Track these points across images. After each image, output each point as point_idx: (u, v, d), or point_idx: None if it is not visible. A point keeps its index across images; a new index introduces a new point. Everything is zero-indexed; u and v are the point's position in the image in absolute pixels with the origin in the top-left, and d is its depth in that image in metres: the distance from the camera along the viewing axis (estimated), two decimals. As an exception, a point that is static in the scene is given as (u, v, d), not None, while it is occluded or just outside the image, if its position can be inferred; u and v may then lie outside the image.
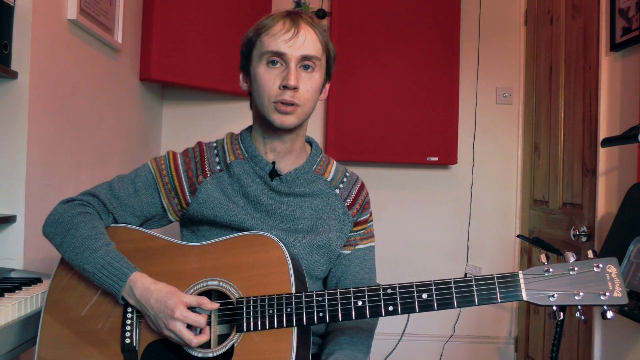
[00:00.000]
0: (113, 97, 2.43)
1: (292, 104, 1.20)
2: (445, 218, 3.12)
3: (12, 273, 1.60)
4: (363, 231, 1.37)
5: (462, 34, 3.02)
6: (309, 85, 1.22)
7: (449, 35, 2.97)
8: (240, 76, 1.31)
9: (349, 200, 1.34)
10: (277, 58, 1.20)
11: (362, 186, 1.39)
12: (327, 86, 1.33)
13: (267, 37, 1.21)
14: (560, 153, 2.48)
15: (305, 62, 1.21)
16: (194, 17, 2.74)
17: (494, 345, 3.09)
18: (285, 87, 1.19)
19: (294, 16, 1.23)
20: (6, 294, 1.29)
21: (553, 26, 2.63)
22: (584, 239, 2.10)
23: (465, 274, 3.07)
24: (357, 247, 1.36)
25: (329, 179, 1.34)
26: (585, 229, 2.10)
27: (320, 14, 3.02)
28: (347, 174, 1.38)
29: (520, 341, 3.02)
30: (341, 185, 1.35)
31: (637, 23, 1.83)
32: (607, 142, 1.70)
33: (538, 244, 2.09)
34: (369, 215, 1.38)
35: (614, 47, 1.96)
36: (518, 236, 2.35)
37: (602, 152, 2.00)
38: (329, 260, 1.32)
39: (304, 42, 1.20)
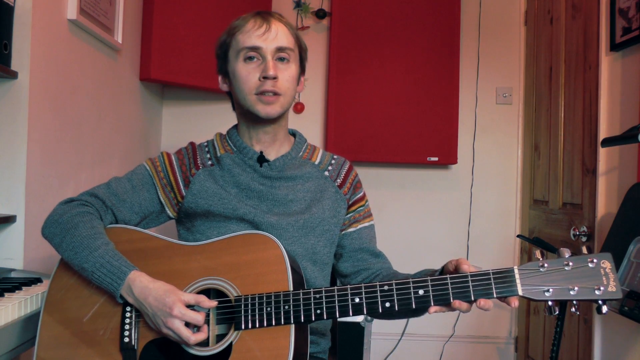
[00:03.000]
0: (113, 97, 2.43)
1: (274, 93, 1.25)
2: (445, 218, 3.12)
3: (12, 273, 1.60)
4: (362, 209, 1.41)
5: (462, 34, 3.02)
6: (287, 75, 1.28)
7: (449, 35, 2.97)
8: (220, 78, 1.37)
9: (338, 180, 1.38)
10: (254, 53, 1.26)
11: (351, 167, 1.43)
12: (303, 79, 1.39)
13: (242, 35, 1.27)
14: (560, 153, 2.48)
15: (280, 53, 1.27)
16: (194, 17, 2.74)
17: (494, 345, 3.09)
18: (265, 78, 1.24)
19: (264, 14, 1.30)
20: (6, 294, 1.29)
21: (553, 26, 2.63)
22: (584, 239, 2.10)
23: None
24: (361, 225, 1.40)
25: (316, 163, 1.39)
26: (585, 229, 2.10)
27: (320, 14, 3.02)
28: (335, 157, 1.42)
29: (520, 341, 3.02)
30: (330, 168, 1.39)
31: (637, 23, 1.83)
32: (607, 142, 1.70)
33: (538, 244, 2.09)
34: (362, 193, 1.42)
35: (614, 47, 1.96)
36: (518, 236, 2.35)
37: (602, 152, 2.00)
38: (328, 241, 1.33)
39: (276, 35, 1.27)
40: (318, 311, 1.10)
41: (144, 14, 2.70)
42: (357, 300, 1.09)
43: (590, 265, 1.02)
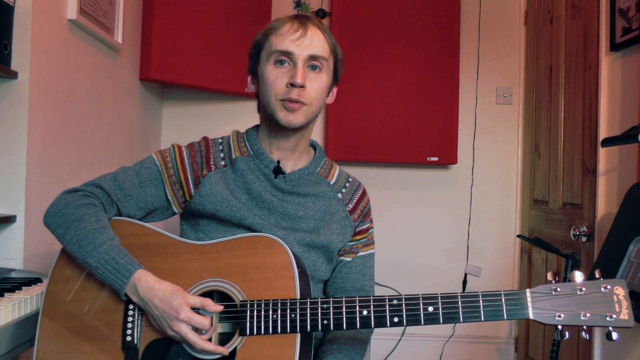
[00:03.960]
0: (113, 97, 2.43)
1: (298, 102, 1.21)
2: (445, 218, 3.12)
3: (12, 273, 1.60)
4: (365, 239, 1.37)
5: (462, 34, 3.02)
6: (317, 85, 1.23)
7: (449, 35, 2.96)
8: (249, 79, 1.32)
9: (350, 205, 1.35)
10: (285, 57, 1.22)
11: (364, 193, 1.39)
12: (335, 90, 1.33)
13: (275, 37, 1.23)
14: (560, 153, 2.48)
15: (313, 62, 1.22)
16: (194, 17, 2.74)
17: (494, 345, 3.09)
18: (292, 85, 1.20)
19: (302, 18, 1.25)
20: (6, 294, 1.29)
21: (553, 26, 2.63)
22: (584, 239, 2.10)
23: (465, 274, 3.07)
24: (359, 254, 1.36)
25: (332, 183, 1.35)
26: (585, 229, 2.10)
27: (320, 14, 3.02)
28: (350, 180, 1.39)
29: (520, 341, 3.02)
30: (343, 190, 1.36)
31: (637, 23, 1.83)
32: (607, 142, 1.69)
33: (538, 244, 2.09)
34: (370, 223, 1.39)
35: (614, 47, 1.96)
36: (518, 236, 2.35)
37: (602, 152, 2.00)
38: (329, 260, 1.31)
39: (311, 42, 1.22)
40: (325, 321, 1.08)
41: (144, 14, 2.69)
42: (365, 313, 1.07)
43: (603, 290, 1.01)
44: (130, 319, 1.15)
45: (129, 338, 1.14)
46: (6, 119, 1.71)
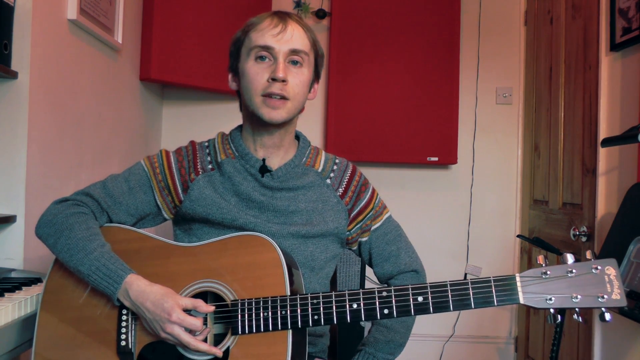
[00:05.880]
0: (113, 97, 2.43)
1: (281, 97, 1.20)
2: (445, 218, 3.12)
3: (12, 273, 1.60)
4: (372, 213, 1.36)
5: (462, 34, 3.02)
6: (298, 79, 1.23)
7: (449, 35, 2.97)
8: (229, 76, 1.32)
9: (340, 189, 1.33)
10: (266, 52, 1.22)
11: (354, 171, 1.37)
12: (316, 86, 1.33)
13: (255, 33, 1.23)
14: (560, 153, 2.48)
15: (294, 56, 1.22)
16: (194, 17, 2.74)
17: (494, 345, 3.09)
18: (273, 80, 1.20)
19: (282, 14, 1.26)
20: (6, 294, 1.29)
21: (553, 26, 2.63)
22: (584, 239, 2.10)
23: (465, 274, 3.07)
24: (372, 229, 1.37)
25: (319, 170, 1.33)
26: (585, 229, 2.10)
27: (320, 14, 3.02)
28: (337, 161, 1.37)
29: (520, 341, 3.02)
30: (332, 175, 1.34)
31: (637, 23, 1.83)
32: (607, 142, 1.70)
33: (538, 244, 2.09)
34: (368, 198, 1.36)
35: (614, 47, 1.96)
36: (518, 236, 2.35)
37: (602, 152, 2.00)
38: (325, 247, 1.31)
39: (292, 36, 1.22)
40: (315, 317, 1.08)
41: (144, 14, 2.69)
42: (354, 306, 1.08)
43: (594, 271, 0.99)
44: (124, 323, 1.15)
45: (123, 343, 1.14)
46: (6, 119, 1.71)
